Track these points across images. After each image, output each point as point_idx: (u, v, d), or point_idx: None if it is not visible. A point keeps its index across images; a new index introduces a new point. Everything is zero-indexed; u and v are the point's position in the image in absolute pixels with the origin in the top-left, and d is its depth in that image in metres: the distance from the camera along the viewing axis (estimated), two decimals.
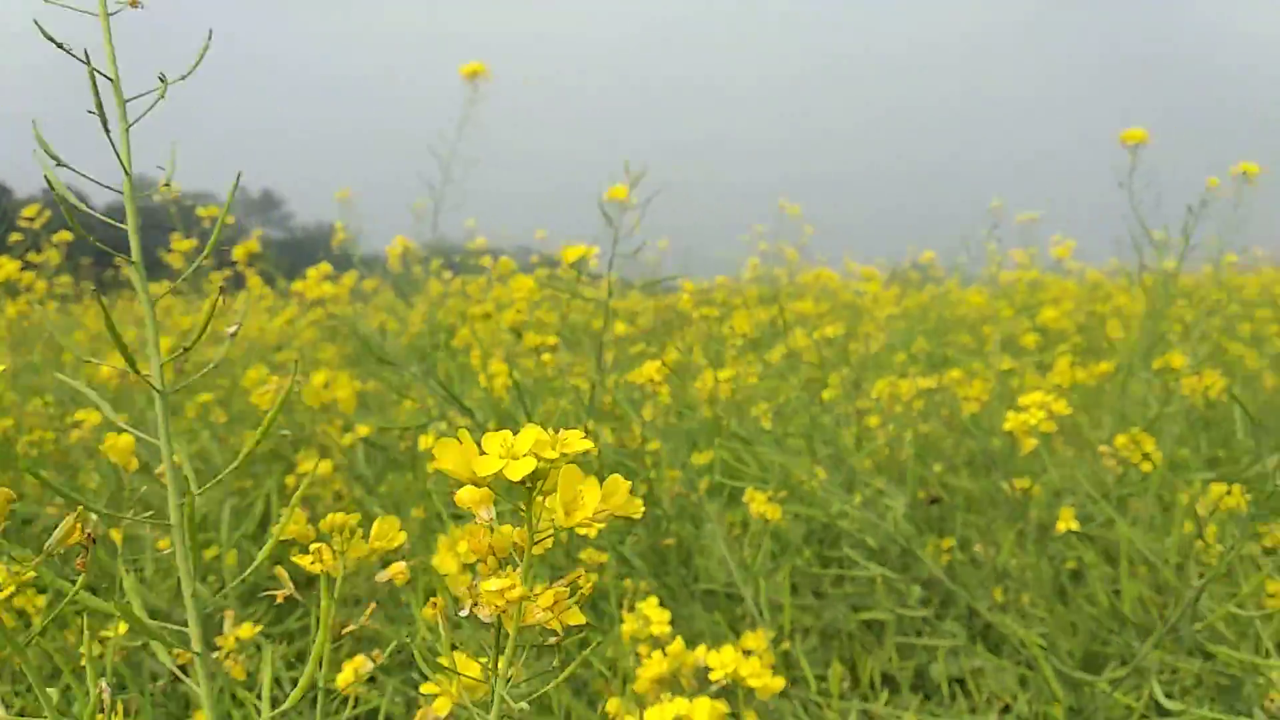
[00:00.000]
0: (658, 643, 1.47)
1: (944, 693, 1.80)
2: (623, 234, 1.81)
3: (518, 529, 0.66)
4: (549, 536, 0.65)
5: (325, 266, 2.39)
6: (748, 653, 1.82)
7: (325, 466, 2.01)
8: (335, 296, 2.80)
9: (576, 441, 0.61)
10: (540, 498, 0.61)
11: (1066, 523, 1.75)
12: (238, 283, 4.91)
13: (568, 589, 0.66)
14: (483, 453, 0.59)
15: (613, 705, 1.41)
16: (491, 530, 0.66)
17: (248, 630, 1.34)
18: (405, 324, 3.76)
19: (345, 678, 1.16)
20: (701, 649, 1.26)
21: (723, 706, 1.14)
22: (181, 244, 3.08)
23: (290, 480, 2.32)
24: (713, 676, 1.21)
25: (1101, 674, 1.85)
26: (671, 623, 2.20)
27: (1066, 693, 1.78)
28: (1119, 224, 2.73)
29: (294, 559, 0.84)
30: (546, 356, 1.82)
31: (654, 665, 1.27)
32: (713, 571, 2.06)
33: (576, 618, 0.65)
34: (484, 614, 0.65)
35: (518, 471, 0.57)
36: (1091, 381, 2.85)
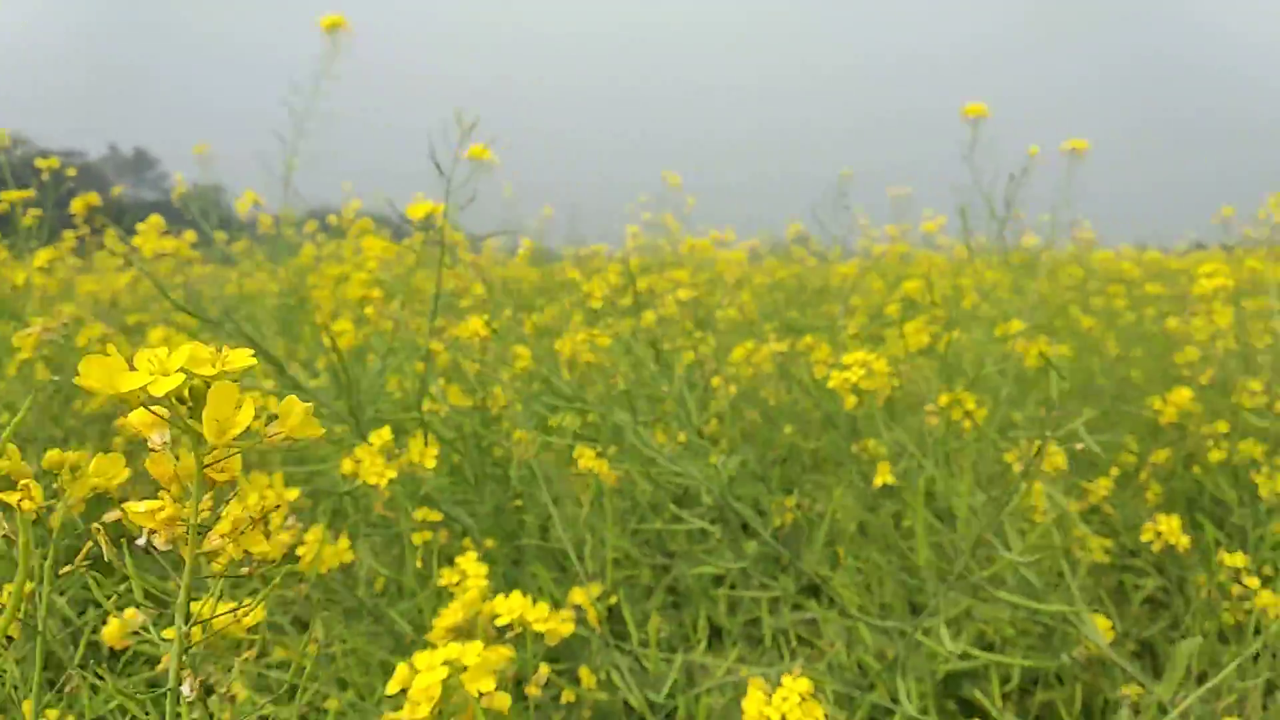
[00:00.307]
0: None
1: (767, 644, 1.85)
2: (456, 186, 1.78)
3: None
4: (230, 458, 0.63)
5: (156, 219, 2.28)
6: (576, 607, 1.83)
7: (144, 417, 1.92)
8: (183, 255, 2.68)
9: (239, 359, 0.59)
10: (202, 419, 0.59)
11: (883, 477, 1.81)
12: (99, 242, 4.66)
13: (251, 517, 0.64)
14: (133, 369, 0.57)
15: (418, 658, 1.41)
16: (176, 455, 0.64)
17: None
18: (264, 285, 3.64)
19: (111, 631, 1.12)
20: (500, 598, 1.26)
21: (506, 651, 1.14)
22: (9, 194, 2.90)
23: (117, 440, 2.22)
24: (499, 622, 1.21)
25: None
26: (514, 581, 2.20)
27: (882, 640, 1.85)
28: (982, 201, 2.84)
29: (2, 496, 0.80)
30: (370, 310, 1.78)
31: (450, 615, 1.26)
32: (554, 533, 2.07)
33: (259, 545, 0.64)
34: (158, 541, 0.63)
35: (162, 387, 0.55)
36: (941, 348, 2.96)
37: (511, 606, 1.21)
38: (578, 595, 1.82)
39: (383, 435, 1.44)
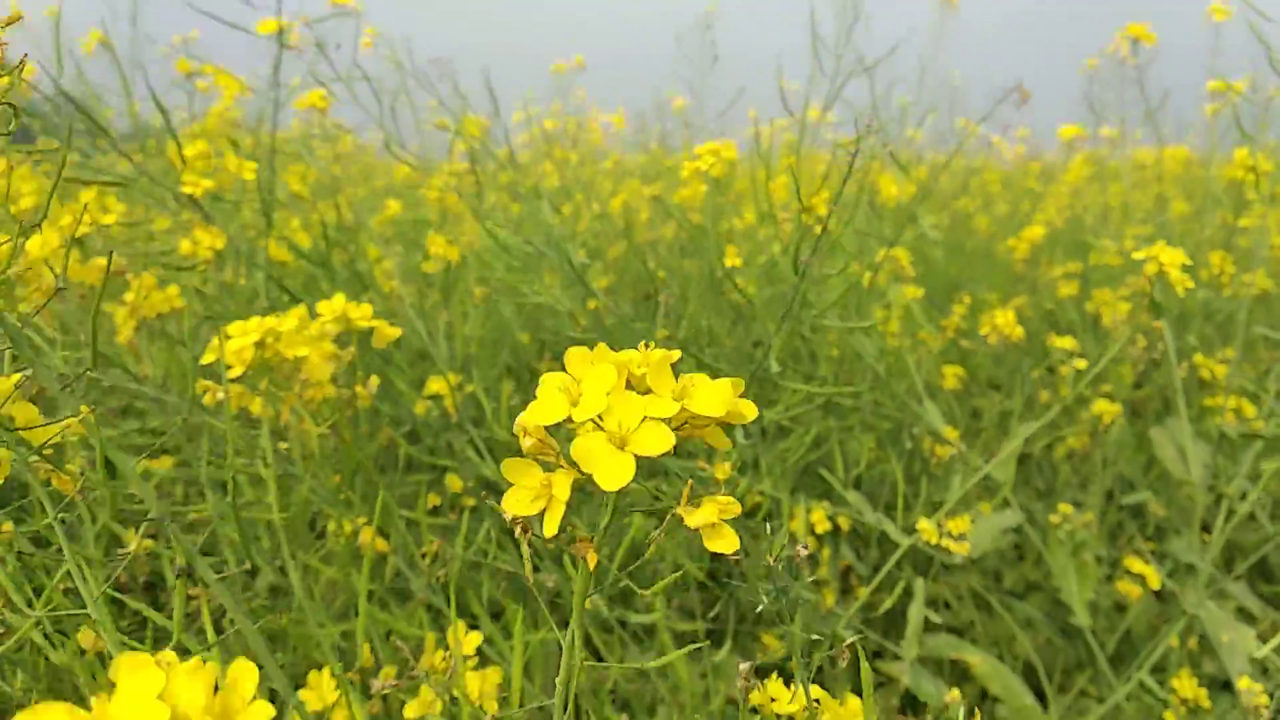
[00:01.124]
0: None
1: None
2: None
3: None
4: None
5: None
6: (433, 396, 1.85)
7: None
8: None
9: None
10: None
11: (732, 260, 1.87)
12: None
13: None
14: None
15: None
16: None
17: None
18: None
19: None
20: (323, 301, 1.25)
21: (329, 347, 1.15)
22: None
23: None
24: (321, 321, 1.22)
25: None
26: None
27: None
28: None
29: None
30: (230, 157, 1.70)
31: (288, 319, 1.24)
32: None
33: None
34: None
35: None
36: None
37: (334, 306, 1.22)
38: (435, 384, 1.84)
39: (197, 146, 1.41)
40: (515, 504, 0.49)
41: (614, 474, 0.46)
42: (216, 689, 0.39)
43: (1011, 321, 2.11)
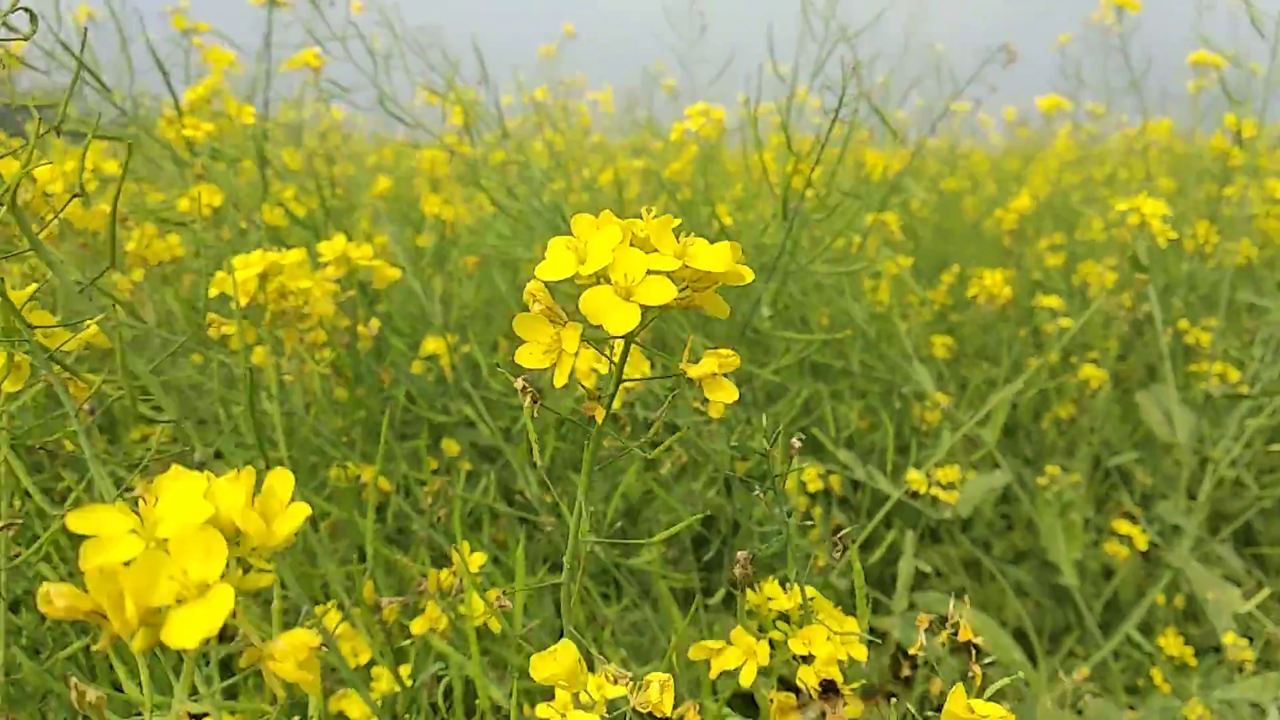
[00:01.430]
0: None
1: None
2: None
3: None
4: None
5: None
6: (429, 357, 1.87)
7: None
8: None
9: None
10: None
11: (724, 217, 1.89)
12: None
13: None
14: None
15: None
16: None
17: None
18: None
19: None
20: (322, 242, 1.28)
21: (331, 286, 1.18)
22: None
23: None
24: (321, 260, 1.24)
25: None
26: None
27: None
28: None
29: None
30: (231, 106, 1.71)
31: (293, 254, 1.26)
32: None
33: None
34: None
35: None
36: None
37: (335, 246, 1.24)
38: (431, 344, 1.86)
39: (197, 91, 1.43)
40: (527, 358, 0.51)
41: (621, 320, 0.49)
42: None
43: (1000, 282, 2.14)
